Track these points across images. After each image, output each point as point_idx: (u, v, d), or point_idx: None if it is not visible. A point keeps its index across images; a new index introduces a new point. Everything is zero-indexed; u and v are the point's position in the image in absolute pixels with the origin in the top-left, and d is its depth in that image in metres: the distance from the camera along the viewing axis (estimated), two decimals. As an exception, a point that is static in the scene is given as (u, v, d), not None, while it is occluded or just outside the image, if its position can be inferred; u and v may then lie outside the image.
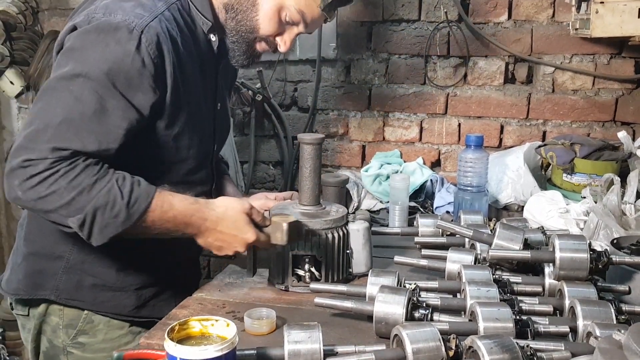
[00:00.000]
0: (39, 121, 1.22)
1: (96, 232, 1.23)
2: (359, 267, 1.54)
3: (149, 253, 1.47)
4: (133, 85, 1.26)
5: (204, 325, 1.01)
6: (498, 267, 1.44)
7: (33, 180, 1.18)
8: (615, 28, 1.99)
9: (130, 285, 1.50)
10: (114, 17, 1.27)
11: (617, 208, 1.69)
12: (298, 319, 1.28)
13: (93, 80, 1.23)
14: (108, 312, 1.50)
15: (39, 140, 1.19)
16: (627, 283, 1.34)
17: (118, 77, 1.24)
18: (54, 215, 1.22)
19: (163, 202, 1.27)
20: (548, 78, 2.42)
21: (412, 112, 2.55)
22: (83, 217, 1.20)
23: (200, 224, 1.32)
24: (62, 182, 1.18)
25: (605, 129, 2.41)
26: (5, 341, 2.93)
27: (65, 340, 1.51)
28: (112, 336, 1.51)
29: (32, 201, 1.20)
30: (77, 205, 1.20)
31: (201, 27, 1.46)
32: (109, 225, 1.22)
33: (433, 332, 1.02)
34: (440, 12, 2.44)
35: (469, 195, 1.95)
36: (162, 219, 1.27)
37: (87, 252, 1.44)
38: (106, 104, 1.24)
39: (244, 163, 2.74)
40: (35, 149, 1.19)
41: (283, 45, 1.49)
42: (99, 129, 1.23)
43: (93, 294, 1.47)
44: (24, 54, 2.80)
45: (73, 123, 1.21)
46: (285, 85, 2.65)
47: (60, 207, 1.20)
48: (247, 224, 1.34)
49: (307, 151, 1.50)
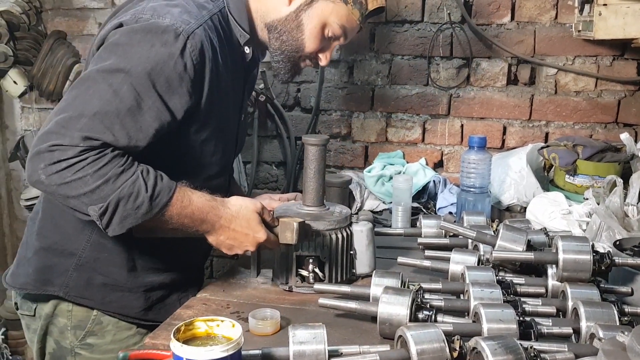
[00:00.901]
0: (74, 109, 1.23)
1: (116, 222, 1.24)
2: (362, 268, 1.55)
3: (159, 256, 1.49)
4: (172, 88, 1.29)
5: (209, 325, 1.01)
6: (501, 268, 1.45)
7: (60, 165, 1.19)
8: (618, 30, 1.99)
9: (140, 287, 1.51)
10: (162, 20, 1.29)
11: (620, 210, 1.69)
12: (302, 319, 1.29)
13: (134, 77, 1.25)
14: (116, 312, 1.51)
15: (71, 127, 1.21)
16: (629, 284, 1.34)
17: (159, 78, 1.27)
18: (74, 202, 1.23)
19: (183, 197, 1.30)
20: (551, 79, 2.42)
21: (415, 113, 2.56)
22: (105, 206, 1.22)
23: (215, 221, 1.34)
24: (89, 169, 1.20)
25: (607, 131, 2.41)
26: (8, 340, 2.93)
27: (73, 342, 1.51)
28: (121, 337, 1.52)
29: (54, 185, 1.21)
30: (102, 194, 1.21)
31: (237, 38, 1.49)
32: (130, 217, 1.24)
33: (437, 333, 1.03)
34: (444, 13, 2.45)
35: (471, 196, 1.95)
36: (181, 214, 1.29)
37: (100, 251, 1.46)
38: (142, 102, 1.26)
39: (247, 163, 2.74)
40: (66, 135, 1.20)
41: (324, 60, 1.54)
42: (131, 125, 1.25)
43: (102, 293, 1.48)
44: (28, 54, 2.80)
45: (108, 116, 1.23)
46: (288, 86, 2.65)
47: (84, 194, 1.21)
48: (259, 224, 1.37)
49: (312, 152, 1.51)
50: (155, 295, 1.54)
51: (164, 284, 1.55)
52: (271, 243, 1.40)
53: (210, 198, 1.35)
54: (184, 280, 1.59)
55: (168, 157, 1.38)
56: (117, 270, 1.48)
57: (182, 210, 1.29)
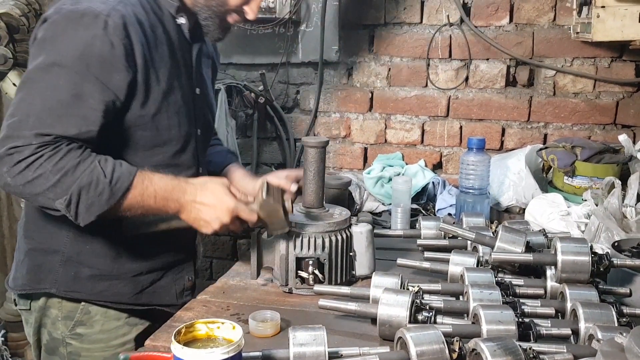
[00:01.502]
0: (21, 112, 1.28)
1: (82, 211, 1.28)
2: (362, 270, 1.55)
3: (143, 241, 1.50)
4: (106, 67, 1.32)
5: (210, 327, 1.02)
6: (500, 269, 1.46)
7: (20, 166, 1.24)
8: (616, 32, 2.00)
9: (127, 273, 1.52)
10: (79, 6, 1.33)
11: (618, 211, 1.70)
12: (302, 321, 1.29)
13: (67, 66, 1.29)
14: (107, 301, 1.52)
15: (23, 128, 1.25)
16: (628, 286, 1.35)
17: (91, 61, 1.30)
18: (41, 199, 1.28)
19: (144, 179, 1.34)
20: (549, 81, 2.43)
21: (414, 114, 2.56)
22: (69, 198, 1.26)
23: (179, 197, 1.37)
24: (47, 165, 1.25)
25: (606, 132, 2.42)
26: (7, 342, 2.93)
27: (64, 332, 1.53)
28: (109, 327, 1.54)
29: (20, 186, 1.26)
30: (63, 186, 1.26)
31: (168, 10, 1.50)
32: (94, 204, 1.28)
33: (437, 334, 1.03)
34: (442, 15, 2.45)
35: (470, 198, 1.96)
36: (144, 195, 1.33)
37: (82, 244, 1.48)
38: (82, 88, 1.29)
39: (246, 165, 2.75)
40: (20, 137, 1.25)
41: (251, 13, 1.55)
42: (77, 112, 1.29)
43: (91, 284, 1.50)
44: (27, 56, 2.79)
45: (53, 110, 1.27)
46: (287, 88, 2.66)
47: (47, 189, 1.26)
48: (227, 194, 1.39)
49: (312, 154, 1.51)
50: (145, 280, 1.55)
51: (153, 268, 1.56)
52: (245, 213, 1.40)
53: (172, 177, 1.38)
54: (175, 262, 1.61)
55: (129, 140, 1.42)
56: (101, 260, 1.50)
57: (144, 191, 1.33)
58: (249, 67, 2.69)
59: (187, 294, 1.63)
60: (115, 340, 1.54)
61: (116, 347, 1.54)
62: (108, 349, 1.53)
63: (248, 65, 2.68)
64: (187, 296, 1.62)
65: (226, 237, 2.89)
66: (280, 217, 1.43)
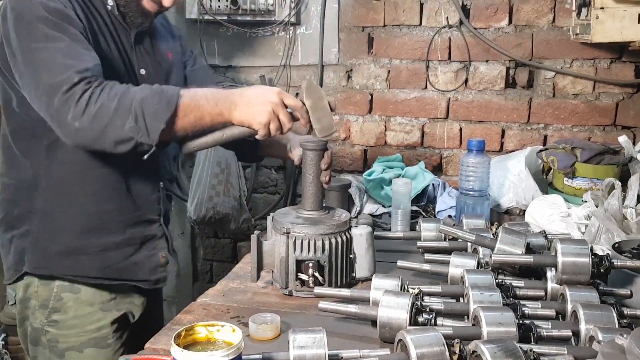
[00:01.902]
0: (44, 70, 1.35)
1: (150, 121, 1.35)
2: (362, 272, 1.55)
3: (106, 216, 1.57)
4: (66, 19, 1.40)
5: (209, 330, 1.01)
6: (500, 271, 1.45)
7: (80, 105, 1.32)
8: (616, 33, 2.00)
9: (93, 248, 1.57)
10: None
11: (619, 212, 1.70)
12: (302, 323, 1.29)
13: (44, 22, 1.37)
14: (76, 275, 1.57)
15: (58, 75, 1.33)
16: (628, 287, 1.35)
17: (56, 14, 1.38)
18: (111, 131, 1.34)
19: (189, 88, 1.46)
20: (549, 82, 2.43)
21: (414, 116, 2.57)
22: (134, 114, 1.34)
23: (227, 95, 1.46)
24: (103, 96, 1.34)
25: (605, 133, 2.42)
26: (8, 346, 2.93)
27: (42, 321, 1.60)
28: (83, 312, 1.59)
29: (88, 125, 1.33)
30: (124, 107, 1.34)
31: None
32: (158, 111, 1.36)
33: (437, 336, 1.03)
34: (442, 17, 2.46)
35: (471, 200, 1.96)
36: (196, 97, 1.42)
37: (47, 221, 1.54)
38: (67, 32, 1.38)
39: (246, 167, 2.75)
40: (62, 83, 1.32)
41: (166, 0, 1.59)
42: (82, 50, 1.39)
43: (59, 260, 1.56)
44: None
45: (66, 55, 1.35)
46: (287, 90, 2.66)
47: (112, 116, 1.33)
48: (270, 87, 1.49)
49: (311, 157, 1.51)
50: (113, 256, 1.59)
51: (123, 244, 1.60)
52: (292, 98, 1.47)
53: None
54: (145, 238, 1.65)
55: None
56: (67, 236, 1.55)
57: (194, 94, 1.43)
58: (248, 70, 2.69)
59: (162, 270, 1.68)
60: (90, 326, 1.60)
61: (91, 332, 1.60)
62: (83, 334, 1.59)
63: (248, 68, 2.69)
64: (161, 272, 1.68)
65: (226, 239, 2.89)
66: (327, 110, 1.47)
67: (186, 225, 2.89)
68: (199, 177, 2.66)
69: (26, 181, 1.55)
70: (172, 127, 1.39)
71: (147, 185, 1.64)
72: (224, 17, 2.60)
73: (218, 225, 2.68)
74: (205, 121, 1.43)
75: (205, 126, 1.45)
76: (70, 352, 1.60)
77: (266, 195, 2.80)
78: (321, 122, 1.48)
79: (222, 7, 2.57)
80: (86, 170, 1.53)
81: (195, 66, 1.86)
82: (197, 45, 2.67)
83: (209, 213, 2.65)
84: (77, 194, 1.54)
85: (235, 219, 2.69)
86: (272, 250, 1.50)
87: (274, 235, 1.51)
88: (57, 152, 1.51)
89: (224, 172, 2.65)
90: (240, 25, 2.61)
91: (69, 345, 1.59)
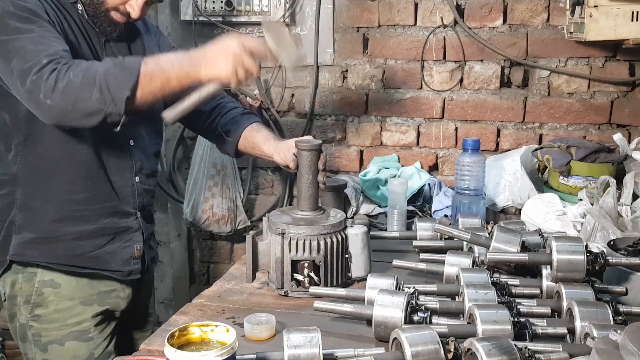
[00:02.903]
0: (18, 61, 1.40)
1: (115, 90, 1.38)
2: (357, 271, 1.55)
3: (82, 204, 1.62)
4: (38, 14, 1.47)
5: (203, 331, 1.01)
6: (496, 269, 1.45)
7: (49, 82, 1.37)
8: (609, 31, 2.00)
9: (66, 235, 1.62)
10: None
11: (614, 210, 1.70)
12: (298, 323, 1.28)
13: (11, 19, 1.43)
14: (50, 262, 1.62)
15: (29, 60, 1.39)
16: (623, 284, 1.35)
17: (23, 10, 1.45)
18: (80, 104, 1.39)
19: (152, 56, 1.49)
20: (544, 81, 2.44)
21: (409, 116, 2.57)
22: (99, 85, 1.38)
23: (191, 55, 1.48)
24: (69, 73, 1.38)
25: (601, 132, 2.42)
26: (5, 350, 2.92)
27: (26, 316, 1.65)
28: (63, 307, 1.64)
29: (59, 101, 1.37)
30: (89, 80, 1.38)
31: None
32: (123, 81, 1.39)
33: (432, 335, 1.03)
34: (436, 17, 2.46)
35: (466, 199, 1.96)
36: (159, 63, 1.45)
37: (27, 211, 1.60)
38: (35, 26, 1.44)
39: (242, 169, 2.75)
40: (32, 65, 1.38)
41: (133, 12, 1.62)
42: (52, 38, 1.46)
43: (34, 247, 1.61)
44: None
45: (37, 42, 1.42)
46: (283, 91, 2.66)
47: (79, 90, 1.38)
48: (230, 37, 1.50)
49: (306, 157, 1.52)
50: (86, 245, 1.64)
51: (96, 234, 1.65)
52: (253, 41, 1.48)
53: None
54: (120, 230, 1.69)
55: None
56: (42, 223, 1.61)
57: (158, 60, 1.46)
58: (243, 71, 2.68)
59: (135, 262, 1.72)
60: (71, 319, 1.64)
61: (72, 325, 1.65)
62: (64, 327, 1.64)
63: (243, 69, 2.68)
64: (134, 264, 1.71)
65: (223, 241, 2.88)
66: (289, 41, 1.47)
67: (182, 227, 2.88)
68: (195, 178, 2.66)
69: (8, 174, 1.61)
70: (138, 94, 1.42)
71: (120, 177, 1.67)
72: (219, 19, 2.60)
73: (214, 226, 2.67)
74: (173, 84, 1.45)
75: (174, 89, 1.46)
76: (53, 345, 1.65)
77: (262, 197, 2.80)
78: (287, 53, 1.48)
79: (216, 8, 2.57)
80: (61, 159, 1.58)
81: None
82: (191, 47, 2.66)
83: (205, 215, 2.65)
84: (52, 184, 1.59)
85: (232, 221, 2.69)
86: (267, 251, 1.50)
87: (269, 236, 1.51)
88: (35, 144, 1.57)
89: (219, 174, 2.65)
90: (234, 26, 2.61)
91: (51, 339, 1.64)
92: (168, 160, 2.82)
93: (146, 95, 1.43)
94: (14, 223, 1.62)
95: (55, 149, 1.57)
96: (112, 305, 1.71)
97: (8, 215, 1.62)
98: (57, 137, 1.55)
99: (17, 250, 1.62)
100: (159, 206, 2.87)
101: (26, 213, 1.61)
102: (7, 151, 1.60)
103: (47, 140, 1.56)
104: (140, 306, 1.86)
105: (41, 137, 1.56)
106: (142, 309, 1.91)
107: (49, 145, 1.57)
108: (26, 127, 1.55)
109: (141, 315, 1.91)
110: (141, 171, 1.73)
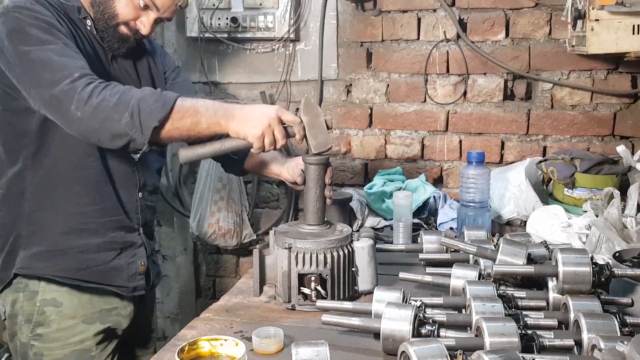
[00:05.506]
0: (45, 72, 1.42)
1: (145, 118, 1.41)
2: (364, 285, 1.56)
3: (86, 217, 1.63)
4: (56, 27, 1.49)
5: (213, 345, 1.02)
6: (502, 282, 1.46)
7: (83, 95, 1.39)
8: (611, 45, 2.02)
9: (74, 248, 1.63)
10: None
11: (618, 221, 1.70)
12: (305, 337, 1.29)
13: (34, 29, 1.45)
14: (55, 276, 1.62)
15: (59, 73, 1.41)
16: (629, 295, 1.35)
17: (43, 22, 1.48)
18: (109, 123, 1.41)
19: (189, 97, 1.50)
20: (547, 94, 2.45)
21: (414, 129, 2.58)
22: (131, 110, 1.40)
23: (227, 107, 1.51)
24: (105, 91, 1.41)
25: (604, 143, 2.43)
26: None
27: (28, 335, 1.65)
28: (65, 326, 1.64)
29: (89, 115, 1.40)
30: (123, 103, 1.41)
31: (77, 16, 1.62)
32: (154, 111, 1.42)
33: (440, 348, 1.03)
34: (439, 31, 2.48)
35: (471, 211, 1.96)
36: (196, 105, 1.47)
37: (35, 224, 1.61)
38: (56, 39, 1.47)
39: (247, 183, 2.76)
40: (64, 76, 1.40)
41: (143, 28, 1.65)
42: (74, 51, 1.49)
43: (41, 260, 1.62)
44: None
45: (59, 54, 1.44)
46: (288, 106, 2.68)
47: (112, 110, 1.40)
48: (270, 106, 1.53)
49: (313, 171, 1.53)
50: (92, 259, 1.64)
51: (103, 248, 1.66)
52: (289, 114, 1.50)
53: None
54: (126, 245, 1.70)
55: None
56: (48, 236, 1.61)
57: (195, 102, 1.48)
58: (249, 86, 2.72)
59: (140, 278, 1.72)
60: (73, 338, 1.64)
61: (74, 344, 1.64)
62: (66, 346, 1.63)
63: (248, 84, 2.71)
64: (139, 280, 1.72)
65: (229, 255, 2.89)
66: (323, 127, 1.50)
67: (189, 241, 2.90)
68: (201, 193, 2.67)
69: (15, 187, 1.62)
70: (166, 127, 1.44)
71: (126, 192, 1.69)
72: (224, 35, 2.63)
73: (220, 240, 2.68)
74: (202, 127, 1.47)
75: (202, 133, 1.48)
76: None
77: (268, 210, 2.81)
78: (317, 139, 1.51)
79: (222, 25, 2.61)
80: (70, 172, 1.60)
81: (177, 80, 1.90)
82: (197, 63, 2.70)
83: (211, 229, 2.66)
84: (61, 196, 1.61)
85: (238, 235, 2.70)
86: (274, 265, 1.51)
87: (276, 250, 1.52)
88: (44, 158, 1.59)
89: (225, 188, 2.67)
90: (240, 42, 2.65)
91: (53, 358, 1.64)
92: (174, 175, 2.84)
93: (173, 131, 1.45)
94: (21, 236, 1.62)
95: (65, 162, 1.60)
96: (114, 323, 1.71)
97: (14, 229, 1.63)
98: (67, 151, 1.58)
99: (24, 263, 1.62)
100: (165, 220, 2.89)
101: (34, 226, 1.62)
102: (12, 165, 1.62)
103: (56, 154, 1.59)
104: (142, 323, 1.86)
105: (50, 151, 1.59)
106: (145, 326, 1.91)
107: (59, 158, 1.59)
108: (36, 141, 1.57)
109: (143, 333, 1.91)
110: (145, 187, 1.75)
